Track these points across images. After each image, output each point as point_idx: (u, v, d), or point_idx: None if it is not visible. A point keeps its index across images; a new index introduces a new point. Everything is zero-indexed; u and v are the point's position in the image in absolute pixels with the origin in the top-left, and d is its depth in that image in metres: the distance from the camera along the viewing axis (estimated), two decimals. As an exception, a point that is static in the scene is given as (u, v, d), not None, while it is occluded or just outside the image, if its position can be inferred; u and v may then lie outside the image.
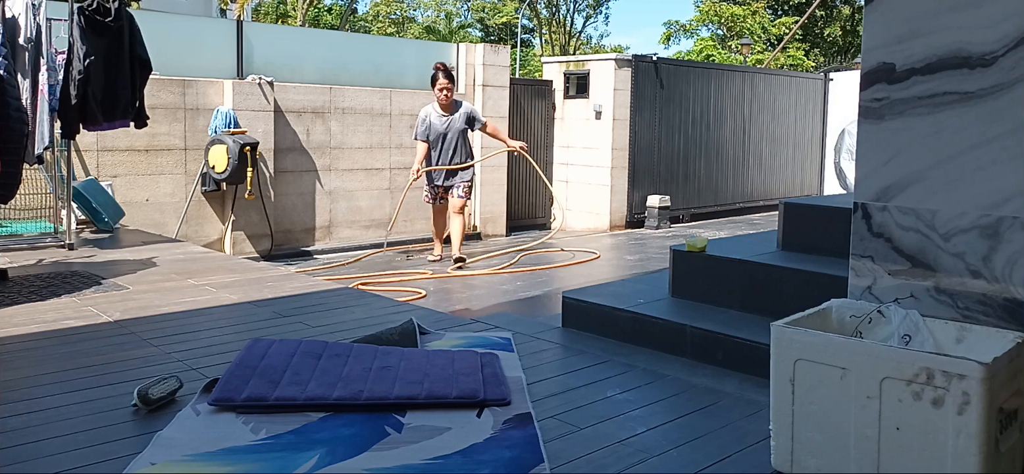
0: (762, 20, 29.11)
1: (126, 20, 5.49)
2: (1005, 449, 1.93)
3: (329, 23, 31.99)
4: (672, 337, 3.30)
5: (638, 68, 11.22)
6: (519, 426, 2.40)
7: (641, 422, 2.53)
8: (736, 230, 10.14)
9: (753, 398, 2.73)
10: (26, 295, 4.06)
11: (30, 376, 2.82)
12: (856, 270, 2.50)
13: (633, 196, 11.32)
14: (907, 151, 2.40)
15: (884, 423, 1.95)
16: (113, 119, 5.52)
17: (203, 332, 3.45)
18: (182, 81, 7.79)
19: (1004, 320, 2.22)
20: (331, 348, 3.02)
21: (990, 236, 2.24)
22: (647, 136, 11.41)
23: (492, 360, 2.93)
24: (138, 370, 2.90)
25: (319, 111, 8.80)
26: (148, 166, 7.58)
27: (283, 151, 8.44)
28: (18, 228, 5.85)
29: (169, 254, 5.40)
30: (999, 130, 2.23)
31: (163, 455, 2.17)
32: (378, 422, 2.39)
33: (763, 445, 2.31)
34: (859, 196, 2.50)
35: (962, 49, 2.29)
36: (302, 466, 2.11)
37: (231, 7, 24.25)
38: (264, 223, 8.25)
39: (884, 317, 2.27)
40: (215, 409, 2.47)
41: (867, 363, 1.97)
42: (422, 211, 9.03)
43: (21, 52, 5.01)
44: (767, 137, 13.41)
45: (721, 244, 4.05)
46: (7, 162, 4.24)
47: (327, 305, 3.96)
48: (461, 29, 35.15)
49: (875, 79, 2.45)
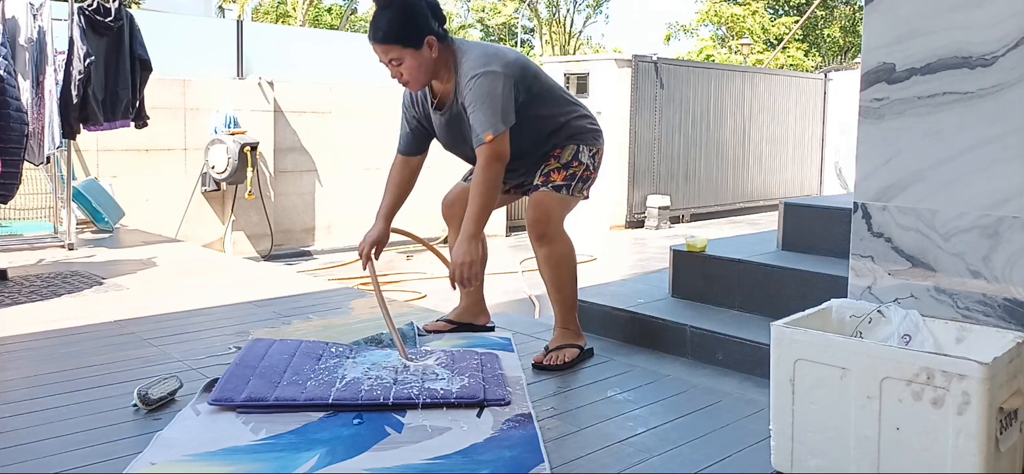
0: (762, 20, 29.11)
1: (126, 20, 5.50)
2: (1005, 449, 1.93)
3: (329, 23, 31.99)
4: (672, 337, 3.30)
5: (638, 68, 11.23)
6: (519, 426, 2.40)
7: (641, 422, 2.53)
8: (736, 230, 10.14)
9: (753, 398, 2.73)
10: (26, 295, 4.06)
11: (30, 376, 2.82)
12: (856, 270, 2.51)
13: (633, 196, 11.33)
14: (907, 151, 2.40)
15: (884, 423, 1.95)
16: (113, 119, 5.52)
17: (203, 332, 3.45)
18: (182, 81, 7.79)
19: (1004, 320, 2.22)
20: (331, 348, 3.02)
21: (990, 236, 2.24)
22: (647, 136, 11.41)
23: (492, 360, 2.93)
24: (138, 370, 2.90)
25: (319, 111, 8.80)
26: (148, 166, 7.58)
27: (283, 151, 8.45)
28: (18, 228, 5.86)
29: (169, 254, 5.40)
30: (999, 130, 2.23)
31: (163, 455, 2.17)
32: (378, 422, 2.39)
33: (763, 445, 2.31)
34: (859, 196, 2.50)
35: (962, 49, 2.29)
36: (302, 466, 2.11)
37: (231, 7, 24.25)
38: (264, 223, 8.26)
39: (884, 317, 2.27)
40: (215, 409, 2.47)
41: (867, 363, 1.98)
42: (423, 211, 9.02)
43: (21, 52, 5.01)
44: (767, 137, 13.42)
45: (721, 244, 4.05)
46: (7, 162, 4.24)
47: (327, 305, 3.96)
48: (461, 29, 35.14)
49: (875, 79, 2.45)
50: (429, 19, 2.82)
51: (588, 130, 3.05)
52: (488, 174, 2.77)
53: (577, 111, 3.07)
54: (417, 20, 2.79)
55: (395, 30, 2.77)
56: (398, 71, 2.83)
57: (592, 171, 3.05)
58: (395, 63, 2.81)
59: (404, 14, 2.78)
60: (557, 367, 2.96)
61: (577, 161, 3.01)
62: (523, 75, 2.89)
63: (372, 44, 2.82)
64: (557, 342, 3.04)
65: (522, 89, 2.87)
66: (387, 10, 2.78)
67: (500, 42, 31.44)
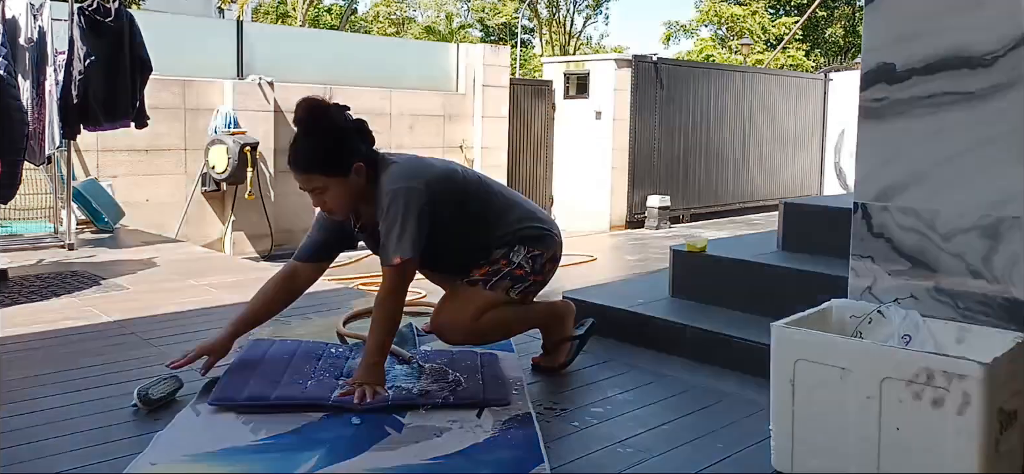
0: (762, 20, 29.12)
1: (126, 20, 5.50)
2: (1005, 449, 1.93)
3: (329, 23, 31.98)
4: (672, 337, 3.30)
5: (638, 68, 11.23)
6: (519, 426, 2.40)
7: (641, 422, 2.53)
8: (736, 230, 10.14)
9: (753, 398, 2.73)
10: (26, 295, 4.06)
11: (30, 376, 2.82)
12: (856, 270, 2.50)
13: (633, 196, 11.33)
14: (907, 151, 2.40)
15: (884, 423, 1.95)
16: (113, 119, 5.52)
17: (203, 332, 3.44)
18: (182, 81, 7.79)
19: (1004, 320, 2.22)
20: (331, 349, 3.02)
21: (990, 236, 2.24)
22: (647, 136, 11.41)
23: (492, 360, 2.93)
24: (138, 370, 2.90)
25: (319, 111, 8.80)
26: (148, 166, 7.59)
27: (283, 151, 8.42)
28: (18, 228, 5.86)
29: (169, 254, 5.40)
30: (999, 130, 2.23)
31: (163, 455, 2.17)
32: (378, 422, 2.39)
33: (763, 445, 2.31)
34: (859, 196, 2.50)
35: (962, 49, 2.29)
36: (302, 466, 2.11)
37: (231, 7, 24.25)
38: (264, 223, 8.26)
39: (884, 317, 2.27)
40: (215, 409, 2.47)
41: (867, 363, 1.98)
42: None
43: (21, 52, 5.01)
44: (767, 137, 13.41)
45: (721, 244, 4.05)
46: (7, 162, 4.24)
47: (327, 305, 3.96)
48: (461, 29, 35.13)
49: (875, 79, 2.45)
50: (356, 142, 2.58)
51: (532, 236, 2.75)
52: (394, 301, 2.53)
53: (526, 225, 2.77)
54: (343, 145, 2.55)
55: (320, 158, 2.53)
56: (321, 200, 2.58)
57: (528, 272, 2.73)
58: (318, 192, 2.55)
59: (330, 140, 2.54)
60: (557, 367, 2.96)
61: (505, 260, 2.71)
62: (449, 191, 2.64)
63: (293, 171, 2.56)
64: (553, 341, 3.00)
65: (449, 205, 2.62)
66: (308, 137, 2.55)
67: (500, 42, 31.39)
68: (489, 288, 2.70)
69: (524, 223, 2.78)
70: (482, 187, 2.79)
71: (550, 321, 2.96)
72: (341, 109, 2.63)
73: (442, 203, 2.59)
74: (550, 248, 2.79)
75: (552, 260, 2.81)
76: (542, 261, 2.77)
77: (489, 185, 2.82)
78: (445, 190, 2.63)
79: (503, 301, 2.73)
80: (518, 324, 2.90)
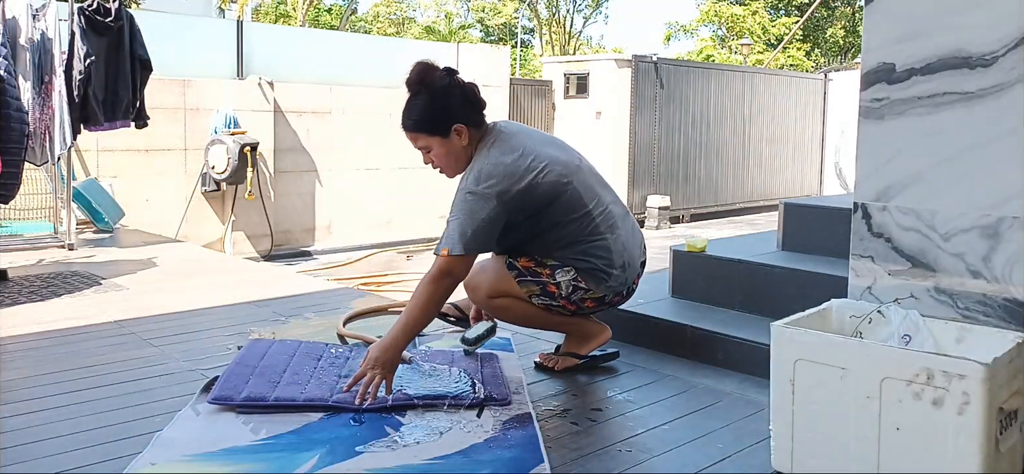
0: (762, 20, 29.12)
1: (126, 20, 5.50)
2: (1005, 449, 1.93)
3: (329, 23, 31.98)
4: (672, 337, 3.30)
5: (638, 68, 11.23)
6: (519, 426, 2.40)
7: (641, 422, 2.53)
8: (736, 230, 10.14)
9: (753, 398, 2.73)
10: (26, 295, 4.06)
11: (30, 376, 2.82)
12: (856, 270, 2.50)
13: (633, 196, 11.33)
14: (907, 151, 2.40)
15: (884, 423, 1.95)
16: (114, 119, 5.53)
17: (203, 332, 3.45)
18: (182, 81, 7.80)
19: (1004, 320, 2.22)
20: (331, 349, 3.02)
21: (990, 236, 2.24)
22: (647, 136, 11.41)
23: (492, 360, 2.93)
24: (138, 370, 2.90)
25: (319, 111, 8.81)
26: (148, 166, 7.59)
27: (283, 151, 8.45)
28: (18, 228, 5.86)
29: (169, 254, 5.40)
30: (999, 130, 2.23)
31: (163, 455, 2.17)
32: (378, 423, 2.39)
33: (763, 445, 2.31)
34: (859, 196, 2.50)
35: (962, 49, 2.29)
36: (302, 466, 2.11)
37: (231, 7, 24.25)
38: (264, 223, 8.26)
39: (884, 317, 2.27)
40: (215, 409, 2.47)
41: (867, 363, 1.98)
42: (423, 210, 9.04)
43: (22, 52, 5.01)
44: (767, 137, 13.42)
45: (721, 244, 4.05)
46: (7, 163, 4.24)
47: (327, 305, 3.96)
48: (461, 29, 35.13)
49: (875, 79, 2.45)
50: (460, 105, 2.71)
51: (587, 269, 2.75)
52: (432, 290, 2.54)
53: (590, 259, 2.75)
54: (441, 106, 2.70)
55: (417, 117, 2.72)
56: (429, 159, 2.76)
57: (560, 295, 2.77)
58: (425, 151, 2.74)
59: (432, 101, 2.70)
60: (554, 369, 2.95)
61: (548, 270, 2.76)
62: (525, 204, 2.65)
63: (404, 131, 2.76)
64: (564, 348, 3.00)
65: (520, 213, 2.66)
66: (416, 98, 2.73)
67: (500, 42, 31.39)
68: (518, 280, 2.79)
69: (589, 257, 2.76)
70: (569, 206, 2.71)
71: (573, 331, 2.97)
72: (448, 72, 2.77)
73: (513, 210, 2.64)
74: (599, 290, 2.79)
75: (598, 301, 2.83)
76: (582, 295, 2.79)
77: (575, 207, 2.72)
78: (519, 205, 2.65)
79: (523, 297, 2.82)
80: (538, 321, 2.93)
